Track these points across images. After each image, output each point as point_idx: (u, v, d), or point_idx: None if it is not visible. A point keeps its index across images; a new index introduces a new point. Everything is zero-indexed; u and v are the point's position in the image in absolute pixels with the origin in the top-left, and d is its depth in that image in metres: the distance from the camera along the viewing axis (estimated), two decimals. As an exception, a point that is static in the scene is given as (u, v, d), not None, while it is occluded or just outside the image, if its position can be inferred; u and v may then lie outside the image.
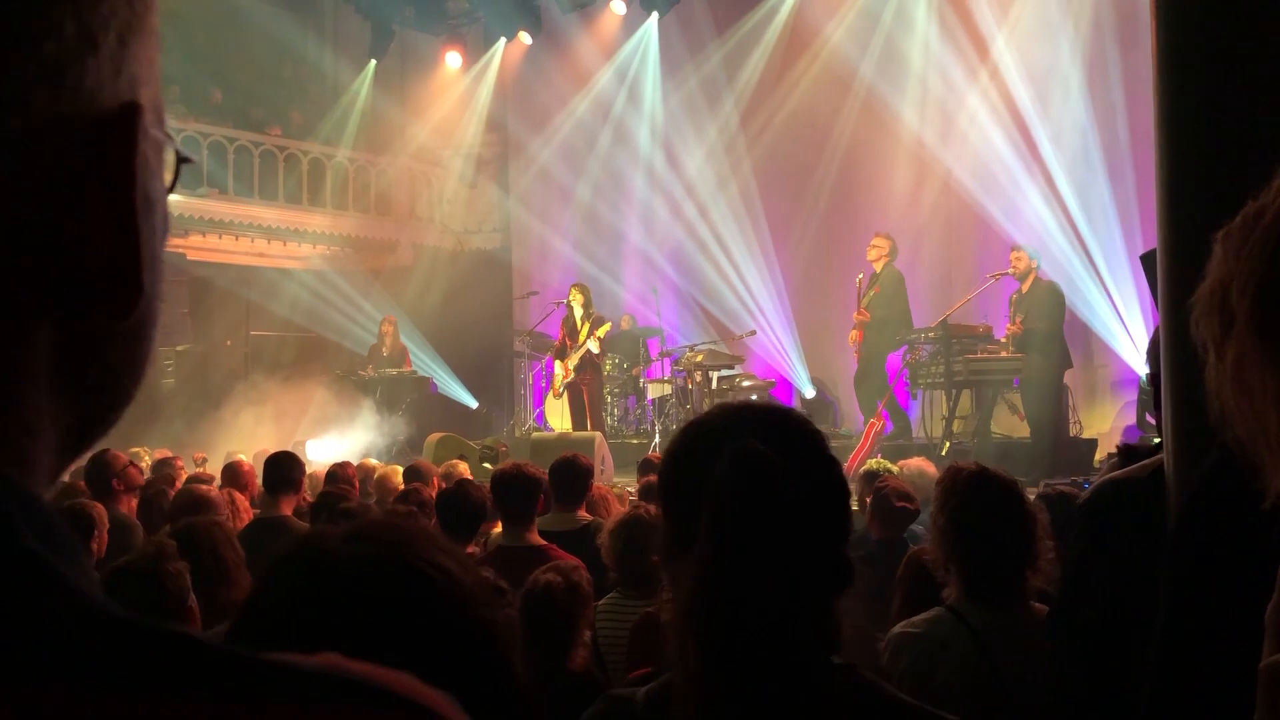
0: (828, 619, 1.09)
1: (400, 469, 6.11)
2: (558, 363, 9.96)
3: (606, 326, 9.75)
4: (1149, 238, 1.81)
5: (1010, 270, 8.34)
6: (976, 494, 2.17)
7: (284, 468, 4.59)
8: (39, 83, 0.39)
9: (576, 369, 9.65)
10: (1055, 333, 7.97)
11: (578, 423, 9.72)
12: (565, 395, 9.92)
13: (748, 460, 1.07)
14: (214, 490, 4.51)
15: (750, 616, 1.04)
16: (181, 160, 0.48)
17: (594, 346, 9.54)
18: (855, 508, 5.00)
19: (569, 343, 9.80)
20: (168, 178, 0.47)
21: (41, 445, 0.42)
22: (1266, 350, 0.80)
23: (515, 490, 3.79)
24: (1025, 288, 8.22)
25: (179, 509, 4.12)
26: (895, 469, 5.11)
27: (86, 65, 0.41)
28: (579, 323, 9.71)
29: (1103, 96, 9.57)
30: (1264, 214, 0.83)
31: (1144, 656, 1.29)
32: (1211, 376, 0.85)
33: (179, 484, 5.50)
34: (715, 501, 1.07)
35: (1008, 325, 8.17)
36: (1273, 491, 0.80)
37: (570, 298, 9.91)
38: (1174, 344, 1.62)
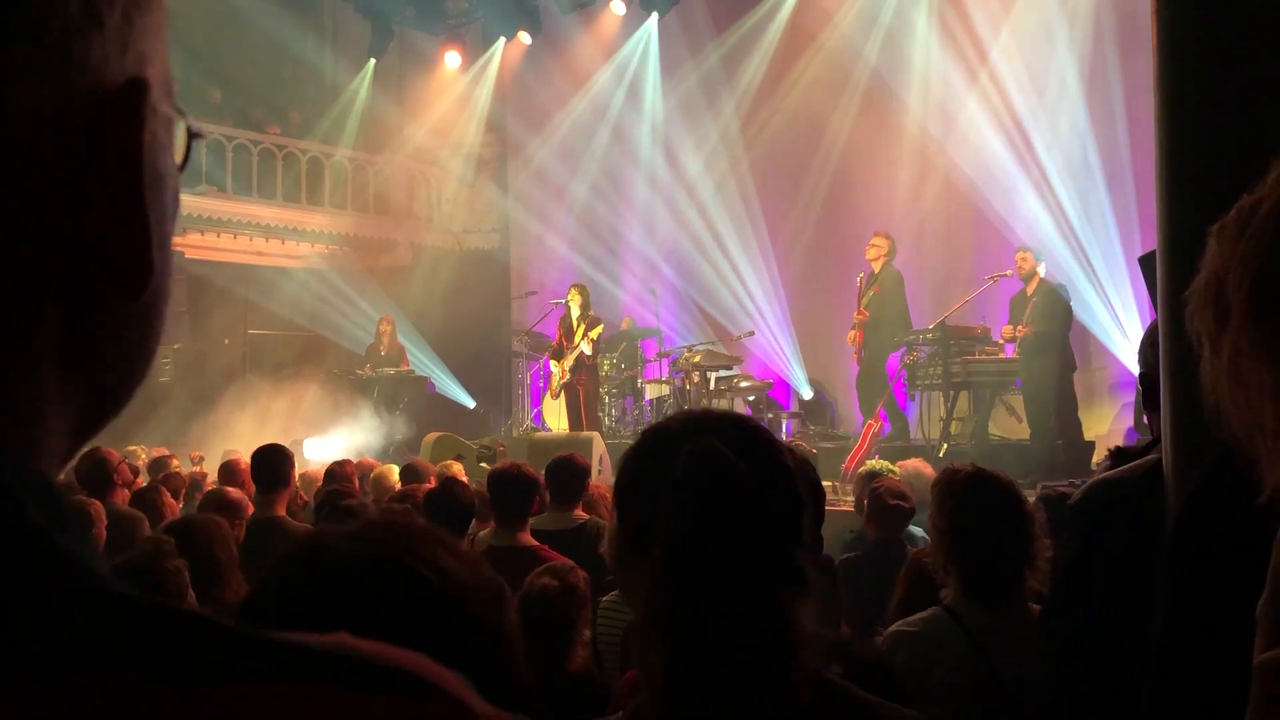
0: (792, 623, 1.08)
1: (396, 468, 6.11)
2: (554, 363, 9.96)
3: (600, 328, 9.73)
4: (1147, 240, 1.81)
5: (1011, 271, 8.33)
6: (974, 495, 2.17)
7: (273, 461, 4.48)
8: (43, 60, 0.39)
9: (572, 370, 9.65)
10: (1060, 335, 7.90)
11: (574, 423, 9.71)
12: (562, 396, 9.91)
13: (705, 458, 1.06)
14: (240, 493, 4.48)
15: (712, 617, 1.03)
16: (193, 136, 0.47)
17: (587, 348, 9.54)
18: (852, 508, 5.03)
19: (565, 343, 9.81)
20: (179, 154, 0.47)
21: (51, 425, 0.41)
22: (1263, 343, 0.80)
23: (512, 490, 3.79)
24: (1030, 290, 8.13)
25: (208, 507, 4.12)
26: (896, 470, 5.10)
27: (91, 42, 0.40)
28: (575, 323, 9.71)
29: (1102, 100, 9.58)
30: (1259, 207, 0.83)
31: (1139, 656, 1.29)
32: (1206, 371, 0.85)
33: (183, 486, 5.49)
34: (672, 498, 1.06)
35: (1019, 327, 8.00)
36: (1269, 485, 0.80)
37: (569, 298, 9.90)
38: (1173, 340, 1.62)
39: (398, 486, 5.74)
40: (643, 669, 1.08)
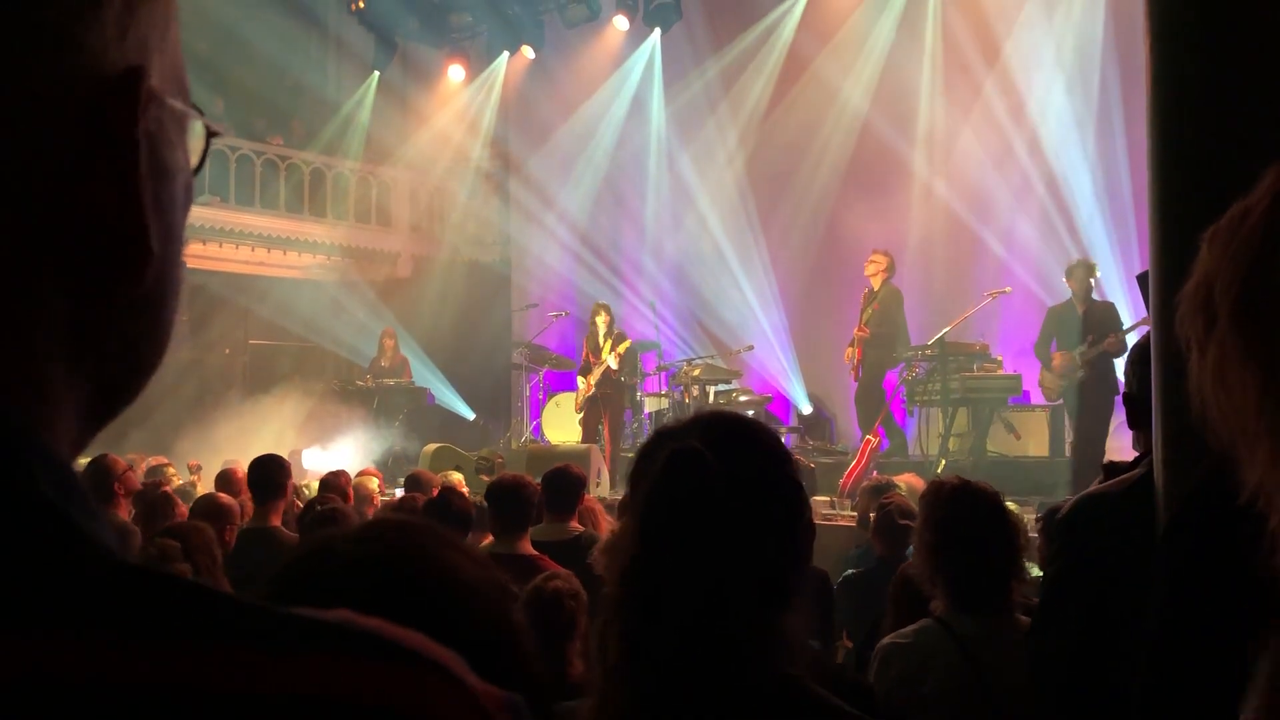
0: (765, 628, 1.08)
1: (375, 478, 6.22)
2: (580, 379, 9.95)
3: (627, 344, 9.75)
4: (1145, 260, 1.83)
5: (1010, 289, 8.28)
6: (961, 507, 2.18)
7: (269, 471, 4.45)
8: (40, 45, 0.39)
9: (598, 384, 9.66)
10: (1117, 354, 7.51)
11: (590, 437, 9.70)
12: (585, 411, 9.89)
13: (680, 459, 1.08)
14: (231, 500, 4.47)
15: (668, 605, 1.04)
16: (210, 135, 0.48)
17: (613, 363, 9.56)
18: (851, 524, 5.02)
19: (593, 359, 9.81)
20: (195, 150, 0.47)
21: (60, 407, 0.42)
22: (1247, 348, 0.81)
23: (510, 500, 3.80)
24: (1083, 308, 7.71)
25: (199, 513, 4.12)
26: (901, 486, 5.08)
27: (89, 28, 0.40)
28: (601, 340, 9.73)
29: (1101, 118, 9.62)
30: (1249, 214, 0.84)
31: (1126, 665, 1.30)
32: (1194, 374, 0.86)
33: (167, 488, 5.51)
34: (646, 492, 1.09)
35: (1109, 338, 7.41)
36: (1250, 488, 0.80)
37: (596, 317, 9.89)
38: (1165, 352, 1.63)
39: (375, 496, 5.85)
40: (599, 651, 1.08)
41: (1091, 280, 7.89)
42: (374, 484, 5.95)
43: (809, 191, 11.36)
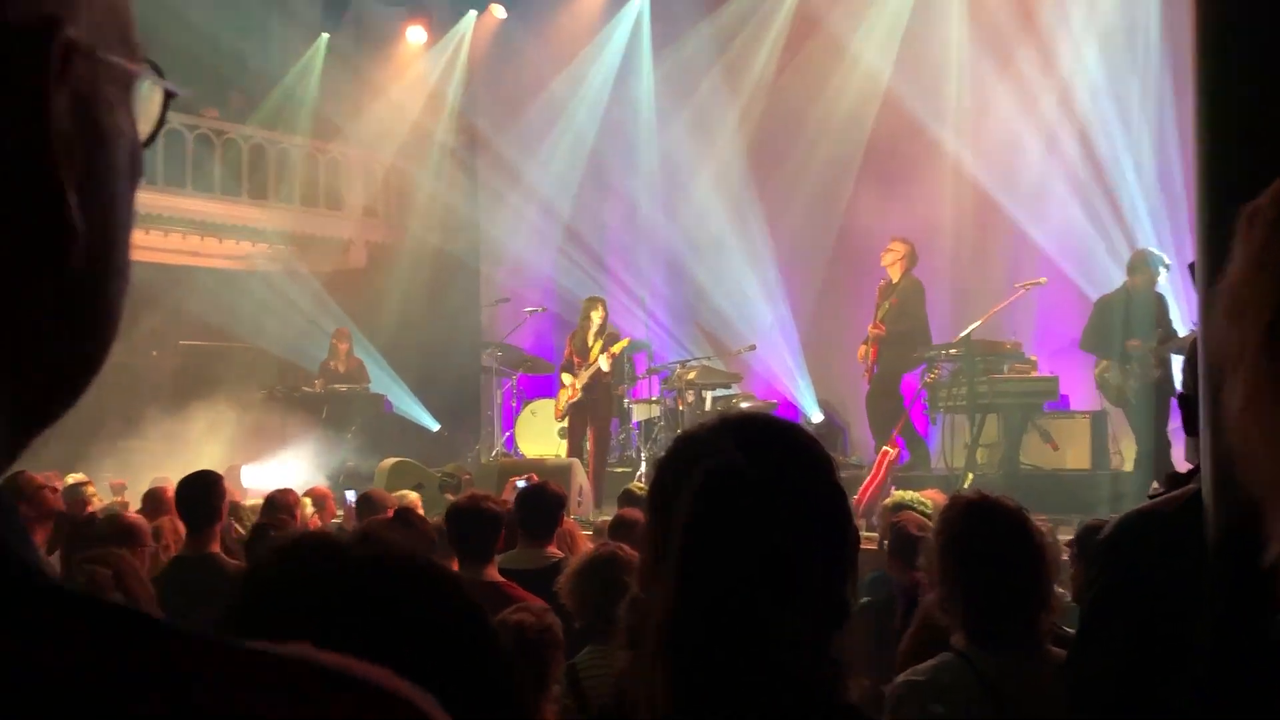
0: (818, 653, 1.10)
1: (309, 501, 6.28)
2: (565, 376, 9.86)
3: (624, 343, 9.70)
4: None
5: (1045, 280, 8.29)
6: (981, 526, 2.18)
7: (201, 490, 4.37)
8: None
9: (585, 388, 9.61)
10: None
11: (575, 449, 9.67)
12: (569, 419, 9.84)
13: (720, 477, 1.10)
14: (140, 518, 4.45)
15: (723, 652, 1.07)
16: (169, 96, 0.49)
17: (605, 364, 9.52)
18: (875, 546, 5.01)
19: (577, 360, 9.77)
20: (149, 114, 0.48)
21: None
22: (1277, 382, 0.77)
23: (472, 525, 3.79)
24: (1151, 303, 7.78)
25: (103, 537, 4.09)
26: (927, 503, 5.07)
27: None
28: (590, 339, 9.68)
29: (1154, 86, 9.65)
30: None
31: (1175, 701, 1.31)
32: (1224, 397, 0.82)
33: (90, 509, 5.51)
34: (684, 521, 1.11)
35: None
36: (1275, 546, 0.76)
37: (590, 311, 9.81)
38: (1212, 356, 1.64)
39: (313, 519, 6.02)
40: (644, 684, 1.11)
41: (1162, 270, 7.90)
42: (309, 508, 6.02)
43: (820, 170, 11.36)
